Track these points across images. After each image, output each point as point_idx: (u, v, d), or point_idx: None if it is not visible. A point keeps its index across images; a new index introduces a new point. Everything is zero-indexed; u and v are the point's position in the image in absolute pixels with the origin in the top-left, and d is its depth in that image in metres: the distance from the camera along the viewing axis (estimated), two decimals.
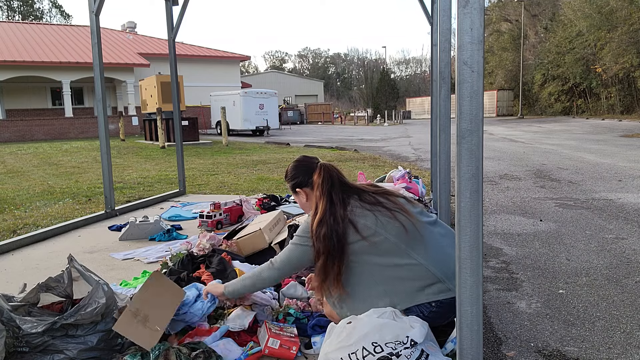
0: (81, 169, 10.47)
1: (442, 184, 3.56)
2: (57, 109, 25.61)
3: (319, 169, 2.16)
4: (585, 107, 33.33)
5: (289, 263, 2.11)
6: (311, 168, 2.21)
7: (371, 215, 1.99)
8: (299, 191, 2.24)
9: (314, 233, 2.00)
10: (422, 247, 1.98)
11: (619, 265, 3.51)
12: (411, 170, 7.14)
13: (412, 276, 1.95)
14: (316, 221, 2.00)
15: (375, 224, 1.96)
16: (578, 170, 8.34)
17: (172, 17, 6.15)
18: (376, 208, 2.00)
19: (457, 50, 1.43)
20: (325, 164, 2.19)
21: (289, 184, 2.28)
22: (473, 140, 1.43)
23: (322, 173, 2.14)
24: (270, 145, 16.20)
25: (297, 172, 2.24)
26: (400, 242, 1.95)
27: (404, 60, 78.16)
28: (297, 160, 2.31)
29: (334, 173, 2.14)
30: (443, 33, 3.34)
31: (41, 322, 1.90)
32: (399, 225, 1.97)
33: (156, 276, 2.12)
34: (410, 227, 1.98)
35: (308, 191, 2.21)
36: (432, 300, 1.94)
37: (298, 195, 2.26)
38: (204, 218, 4.33)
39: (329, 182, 2.09)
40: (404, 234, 1.96)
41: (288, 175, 2.29)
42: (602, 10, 29.10)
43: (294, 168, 2.27)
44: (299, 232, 2.11)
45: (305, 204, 2.26)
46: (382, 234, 1.95)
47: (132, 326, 1.90)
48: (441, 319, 1.98)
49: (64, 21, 51.94)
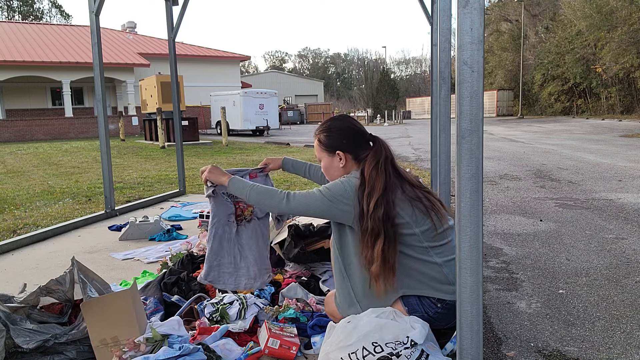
0: (81, 169, 10.47)
1: (442, 184, 3.56)
2: (57, 109, 25.61)
3: (378, 142, 2.03)
4: (585, 107, 33.33)
5: (305, 209, 1.96)
6: (363, 135, 2.06)
7: (409, 206, 1.92)
8: (339, 154, 2.04)
9: (370, 213, 1.87)
10: (442, 249, 1.95)
11: (619, 265, 3.51)
12: (411, 170, 7.14)
13: (425, 270, 1.93)
14: (373, 201, 1.87)
15: (411, 217, 1.91)
16: (578, 170, 8.34)
17: (172, 17, 6.15)
18: (415, 202, 1.93)
19: (457, 50, 1.43)
20: (381, 138, 2.05)
21: (328, 140, 2.07)
22: (473, 140, 1.43)
23: (382, 147, 2.00)
24: (270, 145, 16.20)
25: (345, 134, 2.05)
26: (425, 239, 1.92)
27: (404, 60, 78.29)
28: (344, 119, 2.12)
29: (389, 151, 2.02)
30: (443, 33, 3.35)
31: (33, 338, 1.90)
32: (430, 223, 1.92)
33: (86, 305, 1.97)
34: (440, 228, 1.94)
35: (349, 158, 2.04)
36: (439, 298, 1.92)
37: (333, 158, 2.06)
38: (204, 218, 4.33)
39: (387, 160, 1.97)
40: (431, 232, 1.92)
41: (332, 132, 2.08)
42: (602, 10, 29.09)
43: (342, 128, 2.07)
44: (335, 191, 1.92)
45: (338, 169, 2.07)
46: (413, 228, 1.91)
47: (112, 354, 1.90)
48: (444, 322, 1.96)
49: (63, 21, 51.96)
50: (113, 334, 1.93)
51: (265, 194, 2.03)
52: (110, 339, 1.93)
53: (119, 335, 1.93)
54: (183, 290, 2.59)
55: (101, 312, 1.94)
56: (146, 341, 1.92)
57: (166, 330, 1.97)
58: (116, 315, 1.95)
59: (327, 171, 2.13)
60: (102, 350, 1.92)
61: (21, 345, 1.87)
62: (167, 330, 1.97)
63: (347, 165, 2.05)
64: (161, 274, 2.80)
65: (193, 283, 2.63)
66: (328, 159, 2.09)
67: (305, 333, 2.23)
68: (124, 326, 1.95)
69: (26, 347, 1.88)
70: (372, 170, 1.93)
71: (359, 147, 2.03)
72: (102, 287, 2.14)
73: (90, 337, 1.94)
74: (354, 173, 2.00)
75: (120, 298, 1.99)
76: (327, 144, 2.08)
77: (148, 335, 1.93)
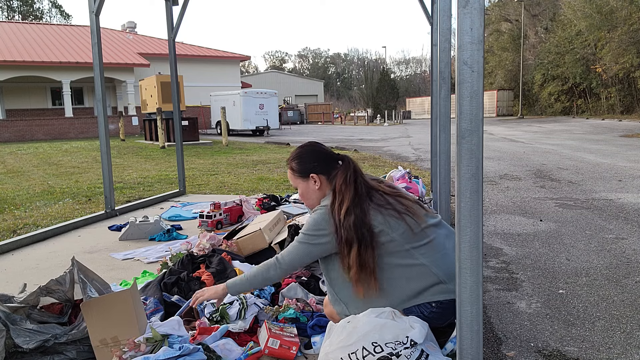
0: (81, 169, 10.47)
1: (442, 184, 3.56)
2: (57, 109, 25.60)
3: (346, 159, 2.11)
4: (585, 107, 33.32)
5: (299, 261, 2.03)
6: (331, 156, 2.13)
7: (379, 214, 1.97)
8: (313, 177, 2.10)
9: (341, 222, 1.92)
10: (427, 248, 1.97)
11: (619, 265, 3.51)
12: (411, 170, 7.14)
13: (414, 277, 1.95)
14: (344, 210, 1.93)
15: (383, 222, 1.95)
16: (578, 170, 8.34)
17: (172, 17, 6.15)
18: (385, 209, 1.98)
19: (457, 50, 1.43)
20: (348, 156, 2.14)
21: (300, 166, 2.14)
22: (473, 140, 1.43)
23: (349, 163, 2.08)
24: (270, 145, 16.20)
25: (315, 157, 2.13)
26: (405, 242, 1.95)
27: (404, 60, 78.28)
28: (312, 145, 2.19)
29: (357, 166, 2.11)
30: (443, 33, 3.35)
31: (33, 339, 1.90)
32: (405, 225, 1.96)
33: (86, 305, 1.97)
34: (417, 229, 1.97)
35: (323, 179, 2.10)
36: (433, 301, 1.94)
37: (308, 182, 2.12)
38: (204, 218, 4.33)
39: (355, 173, 2.05)
40: (409, 234, 1.95)
41: (303, 158, 2.15)
42: (602, 10, 29.09)
43: (311, 152, 2.15)
44: (310, 229, 1.99)
45: (314, 191, 2.12)
46: (389, 234, 1.94)
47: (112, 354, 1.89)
48: (441, 320, 1.97)
49: (63, 21, 51.96)
50: (113, 334, 1.93)
51: (263, 274, 2.08)
52: (110, 339, 1.93)
53: (119, 335, 1.93)
54: (183, 290, 2.59)
55: (101, 312, 1.94)
56: (146, 341, 1.91)
57: (166, 330, 1.97)
58: (116, 315, 1.95)
59: (305, 197, 2.19)
60: (102, 350, 1.92)
61: (21, 345, 1.88)
62: (167, 330, 1.97)
63: (322, 186, 2.12)
64: (161, 274, 2.80)
65: (193, 283, 2.63)
66: (304, 184, 2.15)
67: (305, 333, 2.23)
68: (124, 326, 1.95)
69: (26, 347, 1.88)
70: (342, 184, 2.01)
71: (330, 167, 2.11)
72: (102, 287, 2.14)
73: (90, 337, 1.94)
74: (323, 202, 2.07)
75: (120, 298, 1.99)
76: (299, 170, 2.14)
77: (148, 335, 1.93)
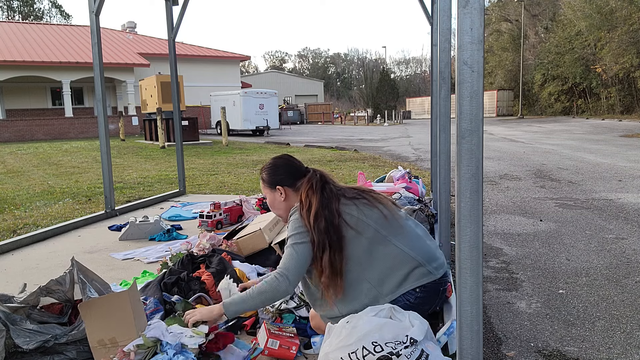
0: (81, 169, 10.47)
1: (442, 184, 3.56)
2: (57, 109, 25.60)
3: (313, 170, 2.20)
4: (585, 107, 33.32)
5: (304, 263, 2.00)
6: (299, 170, 2.22)
7: (353, 205, 2.06)
8: (280, 189, 2.19)
9: (312, 226, 1.97)
10: (401, 234, 2.05)
11: (619, 265, 3.51)
12: (411, 170, 7.14)
13: (395, 265, 2.00)
14: (312, 214, 1.99)
15: (357, 211, 2.04)
16: (578, 170, 8.34)
17: (172, 17, 6.15)
18: (357, 200, 2.08)
19: (457, 50, 1.43)
20: (317, 169, 2.23)
21: (269, 177, 2.23)
22: (473, 140, 1.42)
23: (315, 173, 2.17)
24: (270, 145, 16.20)
25: (284, 170, 2.22)
26: (381, 228, 2.02)
27: (404, 60, 78.29)
28: (284, 158, 2.29)
29: (325, 175, 2.19)
30: (443, 33, 3.34)
31: (33, 339, 1.90)
32: (378, 212, 2.05)
33: (84, 306, 1.95)
34: (389, 215, 2.07)
35: (289, 191, 2.19)
36: (417, 286, 2.00)
37: (275, 192, 2.21)
38: (204, 218, 4.33)
39: (322, 181, 2.13)
40: (383, 221, 2.04)
41: (272, 169, 2.24)
42: (602, 10, 29.09)
43: (281, 165, 2.24)
44: (294, 230, 2.02)
45: (280, 202, 2.21)
46: (365, 221, 2.01)
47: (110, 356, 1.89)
48: (427, 305, 2.04)
49: (63, 21, 51.93)
50: (111, 334, 1.93)
51: (272, 291, 1.95)
52: (108, 339, 1.92)
53: (117, 337, 1.92)
54: (183, 290, 2.58)
55: (99, 312, 1.93)
56: (137, 348, 1.84)
57: (155, 333, 1.90)
58: (114, 316, 1.94)
59: (272, 207, 2.28)
60: (100, 351, 1.91)
61: (21, 346, 1.87)
62: (156, 333, 1.90)
63: (288, 197, 2.19)
64: (161, 274, 2.79)
65: (193, 283, 2.63)
66: (271, 195, 2.25)
67: (305, 333, 2.23)
68: (121, 327, 1.94)
69: (26, 348, 1.87)
70: (307, 191, 2.09)
71: (296, 179, 2.19)
72: (102, 288, 2.13)
73: (88, 337, 1.94)
74: (293, 209, 2.11)
75: (117, 299, 1.98)
76: (268, 181, 2.24)
77: (139, 342, 1.87)
